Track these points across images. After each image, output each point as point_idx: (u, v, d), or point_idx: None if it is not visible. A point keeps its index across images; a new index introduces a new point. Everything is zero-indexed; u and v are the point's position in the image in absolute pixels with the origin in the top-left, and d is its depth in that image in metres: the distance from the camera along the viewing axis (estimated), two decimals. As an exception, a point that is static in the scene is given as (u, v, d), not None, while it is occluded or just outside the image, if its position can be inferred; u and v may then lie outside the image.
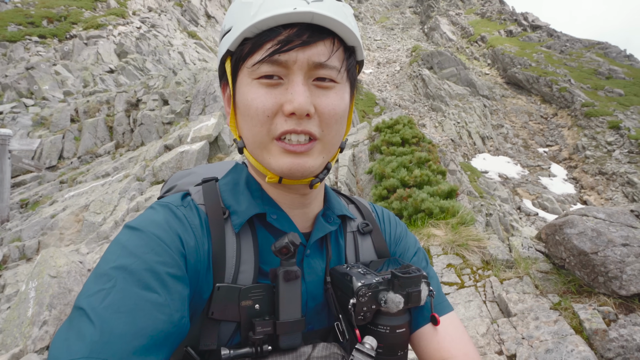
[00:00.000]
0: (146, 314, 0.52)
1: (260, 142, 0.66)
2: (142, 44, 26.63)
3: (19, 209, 10.57)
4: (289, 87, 0.62)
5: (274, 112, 0.63)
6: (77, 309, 0.52)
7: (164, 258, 0.58)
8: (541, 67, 38.72)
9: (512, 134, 33.90)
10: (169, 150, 11.18)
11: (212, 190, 0.73)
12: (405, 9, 65.98)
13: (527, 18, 49.40)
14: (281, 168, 0.65)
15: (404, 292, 0.68)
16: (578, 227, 3.38)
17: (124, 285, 0.53)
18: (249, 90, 0.64)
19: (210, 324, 0.63)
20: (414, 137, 7.81)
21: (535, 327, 3.32)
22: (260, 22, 0.60)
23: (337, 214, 0.80)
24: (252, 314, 0.63)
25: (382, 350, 0.68)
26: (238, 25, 0.63)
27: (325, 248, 0.77)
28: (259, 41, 0.61)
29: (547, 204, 23.82)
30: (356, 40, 0.66)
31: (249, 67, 0.63)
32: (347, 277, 0.69)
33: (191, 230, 0.64)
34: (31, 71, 21.00)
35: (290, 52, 0.60)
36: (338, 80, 0.66)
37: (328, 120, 0.65)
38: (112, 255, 0.57)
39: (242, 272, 0.66)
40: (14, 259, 7.65)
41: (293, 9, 0.58)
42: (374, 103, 29.06)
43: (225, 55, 0.67)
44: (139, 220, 0.63)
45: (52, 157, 13.03)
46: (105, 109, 14.56)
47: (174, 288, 0.56)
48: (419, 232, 5.35)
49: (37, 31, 27.30)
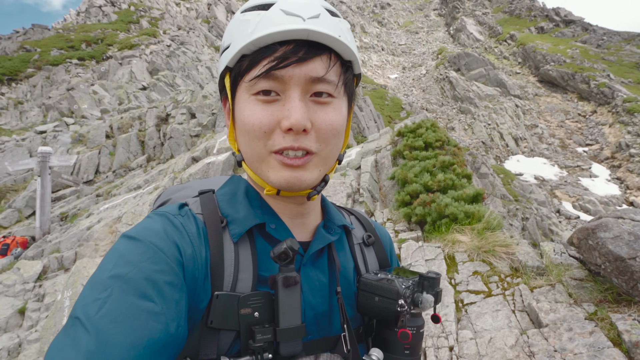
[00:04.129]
0: (142, 324, 0.51)
1: (258, 155, 0.67)
2: (172, 61, 27.77)
3: (59, 222, 11.17)
4: (286, 103, 0.63)
5: (271, 128, 0.64)
6: (73, 318, 0.52)
7: (161, 266, 0.57)
8: (577, 63, 36.97)
9: (547, 134, 32.41)
10: (196, 162, 11.50)
11: (210, 200, 0.73)
12: (429, 12, 65.17)
13: (559, 13, 47.47)
14: (279, 181, 0.66)
15: (434, 292, 0.73)
16: (613, 230, 3.13)
17: (120, 295, 0.53)
18: (247, 106, 0.65)
19: (210, 333, 0.62)
20: (437, 140, 7.60)
21: (569, 339, 3.09)
22: (257, 39, 0.62)
23: (338, 225, 0.81)
24: (252, 321, 0.63)
25: (409, 352, 0.72)
26: (236, 42, 0.65)
27: (329, 258, 0.77)
28: (257, 58, 0.63)
29: (589, 206, 22.49)
30: (352, 54, 0.68)
31: (247, 82, 0.65)
32: (386, 282, 0.72)
33: (188, 239, 0.64)
34: (71, 92, 22.38)
35: (287, 68, 0.62)
36: (335, 95, 0.67)
37: (325, 135, 0.66)
38: (109, 265, 0.57)
39: (241, 280, 0.66)
40: (53, 270, 8.06)
41: (289, 26, 0.60)
42: (400, 108, 28.70)
43: (225, 71, 0.70)
44: (136, 229, 0.62)
45: (89, 172, 13.73)
46: (138, 125, 15.22)
47: (171, 297, 0.56)
48: (443, 238, 5.17)
49: (77, 54, 29.13)
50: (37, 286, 7.59)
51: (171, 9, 39.75)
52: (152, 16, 36.64)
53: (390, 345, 0.73)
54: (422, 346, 3.73)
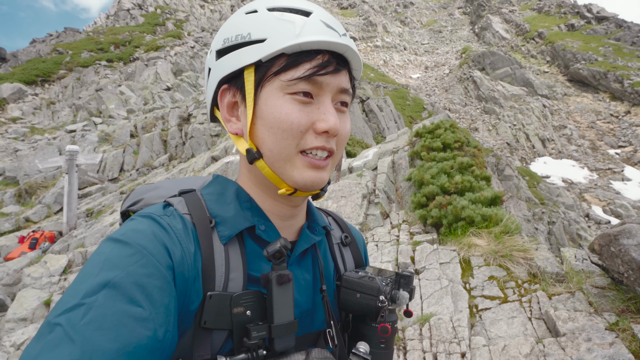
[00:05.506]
0: (130, 330, 0.50)
1: (287, 154, 0.68)
2: (195, 62, 28.36)
3: (85, 218, 11.60)
4: (321, 107, 0.67)
5: (306, 128, 0.67)
6: (51, 324, 0.49)
7: (150, 270, 0.56)
8: (609, 61, 35.43)
9: (576, 135, 31.18)
10: (215, 161, 11.69)
11: (196, 200, 0.72)
12: (453, 10, 63.93)
13: (591, 10, 45.60)
14: (304, 181, 0.69)
15: (409, 289, 0.78)
16: (637, 237, 2.97)
17: (107, 300, 0.51)
18: (282, 104, 0.66)
19: (203, 333, 0.62)
20: (456, 141, 7.42)
21: (587, 350, 2.94)
22: (306, 43, 0.64)
23: (321, 225, 0.84)
24: (244, 320, 0.64)
25: (384, 345, 0.77)
26: (277, 39, 0.65)
27: (314, 257, 0.80)
28: (298, 60, 0.65)
29: (620, 210, 21.48)
30: (359, 73, 0.76)
31: (284, 80, 0.65)
32: (367, 279, 0.77)
33: (177, 240, 0.63)
34: (100, 92, 23.20)
35: (326, 75, 0.66)
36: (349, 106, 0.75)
37: (343, 140, 0.73)
38: (94, 269, 0.55)
39: (232, 280, 0.66)
40: (78, 264, 8.36)
41: (335, 39, 0.66)
42: (421, 108, 28.29)
43: (251, 64, 0.67)
44: (122, 231, 0.61)
45: (114, 169, 14.19)
46: (161, 124, 15.61)
47: (160, 301, 0.55)
48: (459, 242, 5.04)
49: (106, 56, 30.19)
50: (63, 279, 7.90)
51: (195, 11, 40.62)
52: (177, 18, 37.54)
53: (367, 340, 0.77)
54: (434, 351, 3.64)
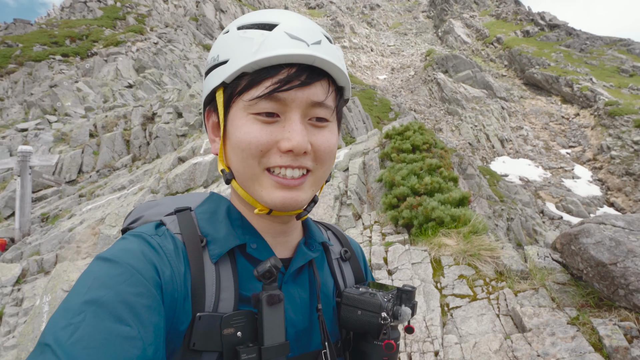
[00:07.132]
0: (117, 349, 0.49)
1: (251, 174, 0.66)
2: (159, 58, 27.36)
3: (39, 223, 10.88)
4: (287, 124, 0.64)
5: (268, 148, 0.64)
6: (42, 345, 0.49)
7: (138, 289, 0.56)
8: (560, 66, 37.72)
9: (532, 136, 32.99)
10: (182, 162, 11.34)
11: (188, 218, 0.72)
12: (418, 14, 65.70)
13: (544, 17, 48.37)
14: (274, 202, 0.66)
15: (411, 304, 0.75)
16: (595, 236, 3.18)
17: (94, 319, 0.50)
18: (244, 124, 0.65)
19: (192, 355, 0.61)
20: (424, 143, 7.64)
21: (552, 344, 3.12)
22: (263, 59, 0.61)
23: (319, 241, 0.82)
24: (235, 342, 0.62)
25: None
26: (237, 59, 0.64)
27: (310, 275, 0.78)
28: (258, 78, 0.63)
29: (571, 207, 22.96)
30: (346, 80, 0.71)
31: (246, 101, 0.64)
32: (368, 295, 0.74)
33: (167, 260, 0.62)
34: (54, 89, 21.83)
35: (290, 91, 0.62)
36: (330, 120, 0.69)
37: (323, 156, 0.68)
38: (83, 288, 0.54)
39: (223, 300, 0.65)
40: (33, 273, 7.85)
41: (296, 51, 0.61)
42: (388, 109, 28.84)
43: (218, 86, 0.68)
44: (112, 251, 0.60)
45: (71, 171, 13.42)
46: (123, 123, 14.94)
47: (148, 320, 0.54)
48: (430, 242, 5.19)
49: (61, 50, 28.44)
50: (16, 290, 7.37)
51: (158, 6, 39.16)
52: (138, 13, 36.01)
53: (369, 358, 0.75)
54: (408, 351, 3.73)
